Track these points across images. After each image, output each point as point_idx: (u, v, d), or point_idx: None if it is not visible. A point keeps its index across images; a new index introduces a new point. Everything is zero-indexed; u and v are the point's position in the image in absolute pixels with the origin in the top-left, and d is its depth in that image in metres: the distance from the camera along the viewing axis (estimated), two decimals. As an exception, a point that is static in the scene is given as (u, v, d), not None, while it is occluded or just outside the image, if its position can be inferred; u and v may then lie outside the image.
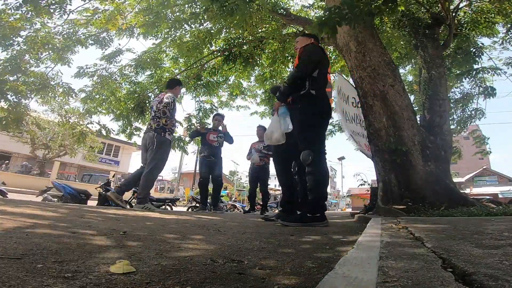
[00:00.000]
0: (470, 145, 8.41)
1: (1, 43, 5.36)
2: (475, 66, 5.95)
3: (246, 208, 11.24)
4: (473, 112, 6.78)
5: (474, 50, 5.73)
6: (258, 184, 6.23)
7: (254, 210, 6.40)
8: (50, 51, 5.87)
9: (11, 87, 5.71)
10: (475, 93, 6.48)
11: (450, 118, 6.96)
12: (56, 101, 7.43)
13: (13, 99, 5.91)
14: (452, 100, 7.00)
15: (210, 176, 5.38)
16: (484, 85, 6.32)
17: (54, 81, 6.52)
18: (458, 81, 6.52)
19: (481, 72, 6.11)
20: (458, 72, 6.20)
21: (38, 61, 6.13)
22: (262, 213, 5.77)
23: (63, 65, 6.33)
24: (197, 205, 8.25)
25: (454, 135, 7.30)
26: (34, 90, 6.16)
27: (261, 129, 6.02)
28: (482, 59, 5.89)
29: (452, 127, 7.31)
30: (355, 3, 2.36)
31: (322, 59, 2.53)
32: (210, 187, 5.68)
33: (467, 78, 6.24)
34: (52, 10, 5.14)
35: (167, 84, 4.47)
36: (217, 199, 5.89)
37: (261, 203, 6.54)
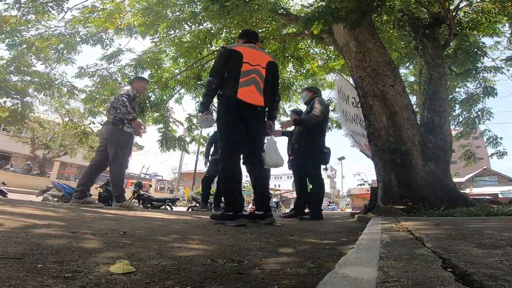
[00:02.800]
0: (474, 146, 8.26)
1: (3, 41, 5.38)
2: (476, 66, 5.93)
3: (246, 208, 11.23)
4: (479, 112, 6.74)
5: (476, 50, 5.71)
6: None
7: None
8: (52, 52, 5.88)
9: (14, 87, 5.74)
10: (479, 93, 6.45)
11: (458, 120, 6.92)
12: (58, 101, 7.46)
13: (17, 98, 5.94)
14: (457, 101, 6.97)
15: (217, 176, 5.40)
16: (484, 85, 6.30)
17: (58, 81, 6.56)
18: (461, 81, 6.48)
19: (482, 72, 6.09)
20: (460, 72, 6.17)
21: (39, 62, 6.15)
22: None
23: (67, 65, 6.37)
24: (197, 204, 8.24)
25: (464, 136, 7.23)
26: (39, 90, 6.19)
27: None
28: (483, 60, 5.88)
29: (459, 128, 7.26)
30: (332, 4, 2.35)
31: (230, 58, 2.51)
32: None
33: (470, 78, 6.20)
34: (49, 8, 5.15)
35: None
36: (220, 199, 5.90)
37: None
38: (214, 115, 2.66)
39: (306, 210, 4.35)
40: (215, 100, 2.66)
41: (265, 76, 2.60)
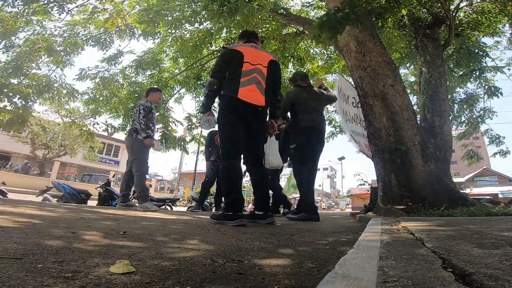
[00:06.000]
0: (475, 146, 8.22)
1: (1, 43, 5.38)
2: (478, 66, 5.92)
3: (246, 208, 11.24)
4: (481, 112, 6.74)
5: (477, 50, 5.70)
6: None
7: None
8: (50, 54, 5.87)
9: (15, 90, 5.72)
10: (481, 93, 6.45)
11: (460, 120, 6.92)
12: (59, 103, 7.49)
13: (19, 101, 5.93)
14: (457, 101, 6.97)
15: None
16: (487, 85, 6.30)
17: (57, 83, 6.55)
18: (463, 82, 6.46)
19: (484, 72, 6.09)
20: (461, 72, 6.16)
21: (39, 64, 6.15)
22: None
23: (65, 68, 6.36)
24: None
25: (466, 136, 7.23)
26: (38, 93, 6.19)
27: None
28: (485, 60, 5.88)
29: (461, 128, 7.25)
30: (357, 2, 2.34)
31: (231, 58, 2.51)
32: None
33: (471, 79, 6.19)
34: (50, 9, 5.15)
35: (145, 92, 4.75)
36: (221, 199, 5.90)
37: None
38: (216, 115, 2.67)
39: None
40: (216, 99, 2.66)
41: (266, 75, 2.58)
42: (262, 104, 2.53)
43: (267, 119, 2.76)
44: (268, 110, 2.74)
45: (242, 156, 2.63)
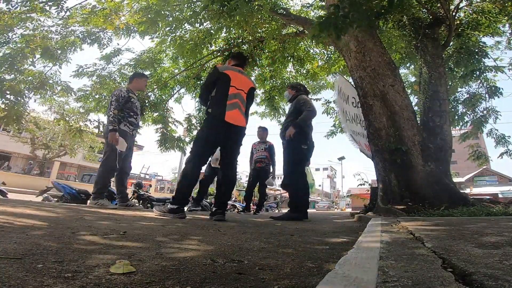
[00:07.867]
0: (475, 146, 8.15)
1: None
2: (479, 66, 5.90)
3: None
4: (484, 111, 6.71)
5: (476, 50, 5.69)
6: (257, 184, 6.24)
7: (249, 210, 6.36)
8: (46, 52, 5.84)
9: (8, 86, 5.69)
10: (483, 93, 6.43)
11: (463, 120, 6.90)
12: (55, 101, 7.43)
13: (11, 98, 5.88)
14: (460, 101, 6.95)
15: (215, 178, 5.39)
16: (488, 85, 6.28)
17: (52, 80, 6.51)
18: (465, 82, 6.43)
19: (485, 72, 6.07)
20: (461, 72, 6.15)
21: (34, 61, 6.11)
22: (256, 213, 5.79)
23: (61, 64, 6.32)
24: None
25: (469, 136, 7.19)
26: (32, 89, 6.16)
27: (261, 130, 6.08)
28: (485, 60, 5.86)
29: (466, 129, 7.21)
30: (358, 1, 2.32)
31: (218, 78, 2.83)
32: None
33: (472, 78, 6.16)
34: (48, 7, 5.14)
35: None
36: (202, 198, 5.89)
37: (257, 203, 6.50)
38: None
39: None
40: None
41: (246, 101, 2.96)
42: (243, 125, 2.92)
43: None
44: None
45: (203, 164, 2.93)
